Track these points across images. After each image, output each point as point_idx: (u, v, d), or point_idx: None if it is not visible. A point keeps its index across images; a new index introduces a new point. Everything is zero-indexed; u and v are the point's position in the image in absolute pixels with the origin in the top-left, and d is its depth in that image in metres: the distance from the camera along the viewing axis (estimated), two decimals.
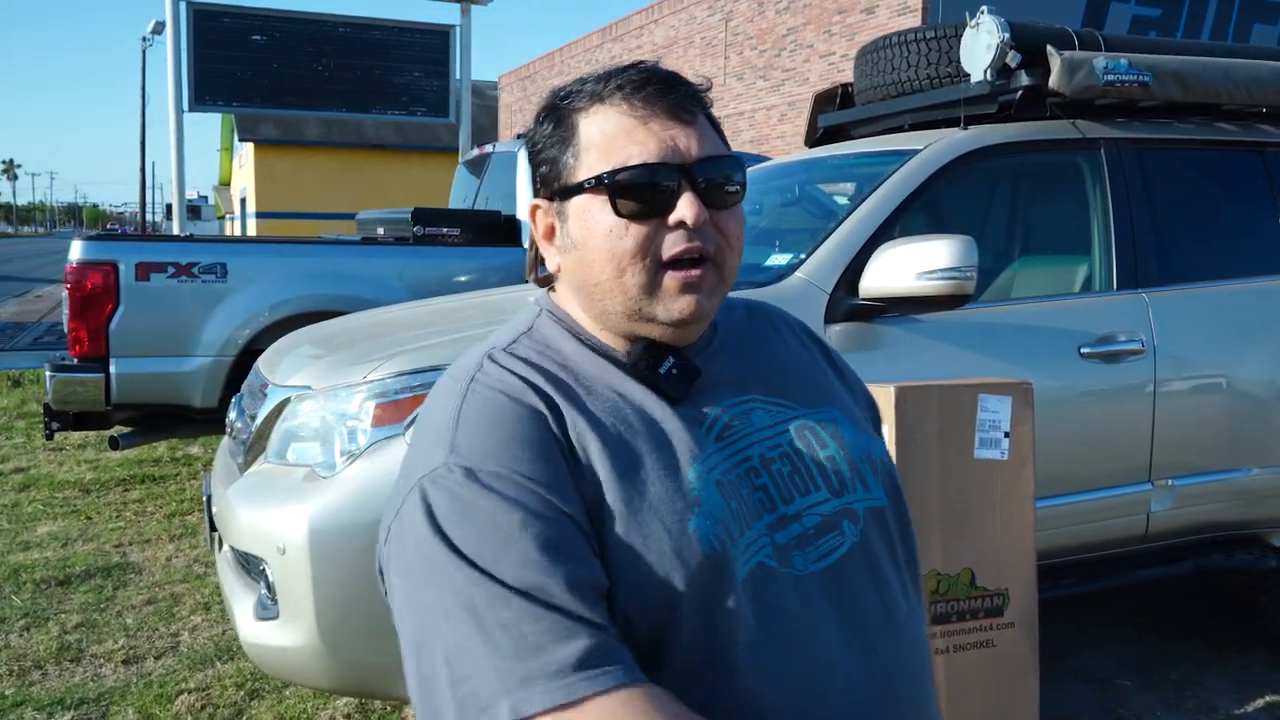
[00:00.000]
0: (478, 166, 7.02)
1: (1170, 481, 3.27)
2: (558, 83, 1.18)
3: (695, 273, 1.04)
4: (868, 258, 2.82)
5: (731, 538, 1.00)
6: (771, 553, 1.03)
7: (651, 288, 1.03)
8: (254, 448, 2.86)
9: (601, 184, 1.03)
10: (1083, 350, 3.09)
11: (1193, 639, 3.97)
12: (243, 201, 32.04)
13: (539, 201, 1.13)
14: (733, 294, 1.19)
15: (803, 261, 2.91)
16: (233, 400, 3.27)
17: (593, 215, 1.04)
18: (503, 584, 0.90)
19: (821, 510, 1.09)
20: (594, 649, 0.88)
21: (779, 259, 3.04)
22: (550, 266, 1.11)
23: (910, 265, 2.69)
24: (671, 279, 1.03)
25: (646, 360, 1.07)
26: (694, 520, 0.98)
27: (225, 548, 2.87)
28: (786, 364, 1.23)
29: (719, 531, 0.99)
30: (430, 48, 12.37)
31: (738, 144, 16.55)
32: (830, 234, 2.95)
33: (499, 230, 5.95)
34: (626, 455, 1.00)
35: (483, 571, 0.90)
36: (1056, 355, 3.05)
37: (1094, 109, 3.42)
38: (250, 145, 30.44)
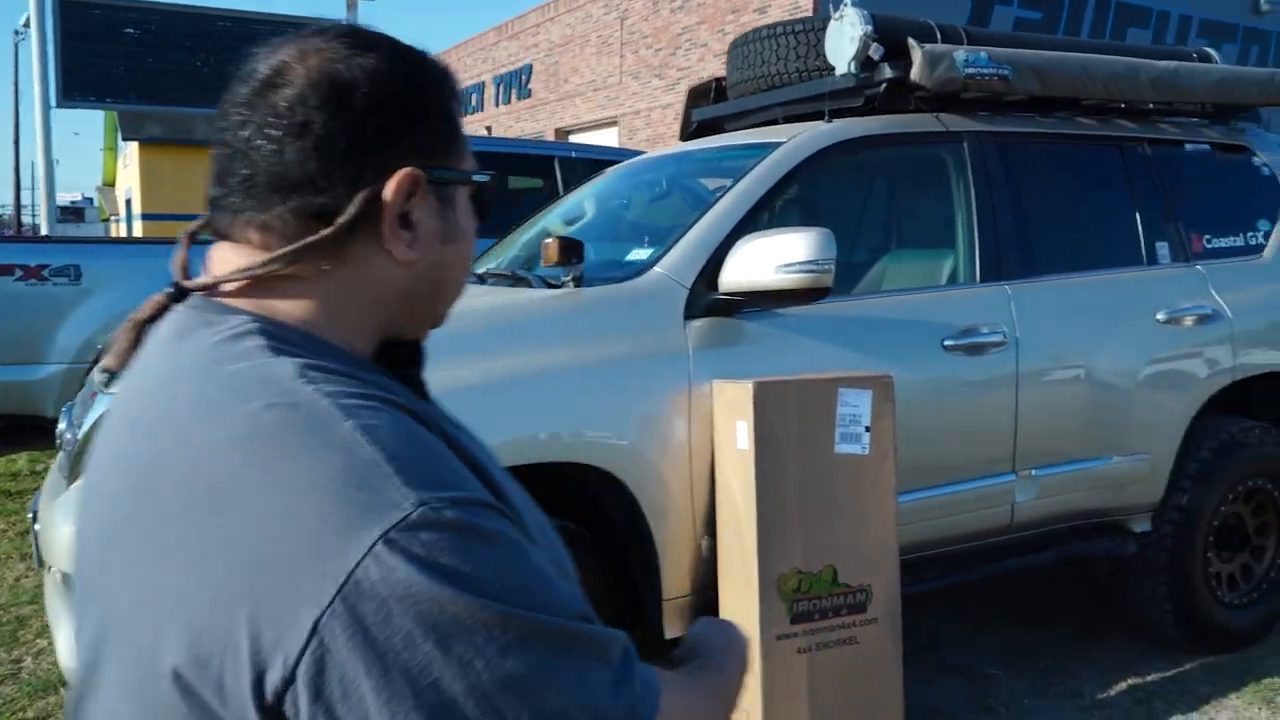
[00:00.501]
0: None
1: (1033, 472, 3.29)
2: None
3: None
4: (729, 252, 2.77)
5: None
6: None
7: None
8: (80, 460, 2.67)
9: (475, 182, 0.91)
10: (946, 343, 3.09)
11: (1060, 627, 4.03)
12: (128, 203, 30.82)
13: (419, 171, 0.84)
14: None
15: (661, 256, 2.84)
16: (64, 409, 3.06)
17: (467, 210, 0.92)
18: (563, 620, 0.74)
19: None
20: (634, 654, 0.81)
21: (640, 254, 2.97)
22: (399, 255, 0.84)
23: (769, 258, 2.64)
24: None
25: (413, 360, 0.94)
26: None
27: (51, 568, 2.67)
28: None
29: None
30: None
31: (634, 143, 16.53)
32: (690, 228, 2.89)
33: None
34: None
35: (542, 613, 0.73)
36: (920, 348, 3.05)
37: (958, 103, 3.44)
38: (134, 145, 29.28)
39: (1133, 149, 3.75)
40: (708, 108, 4.17)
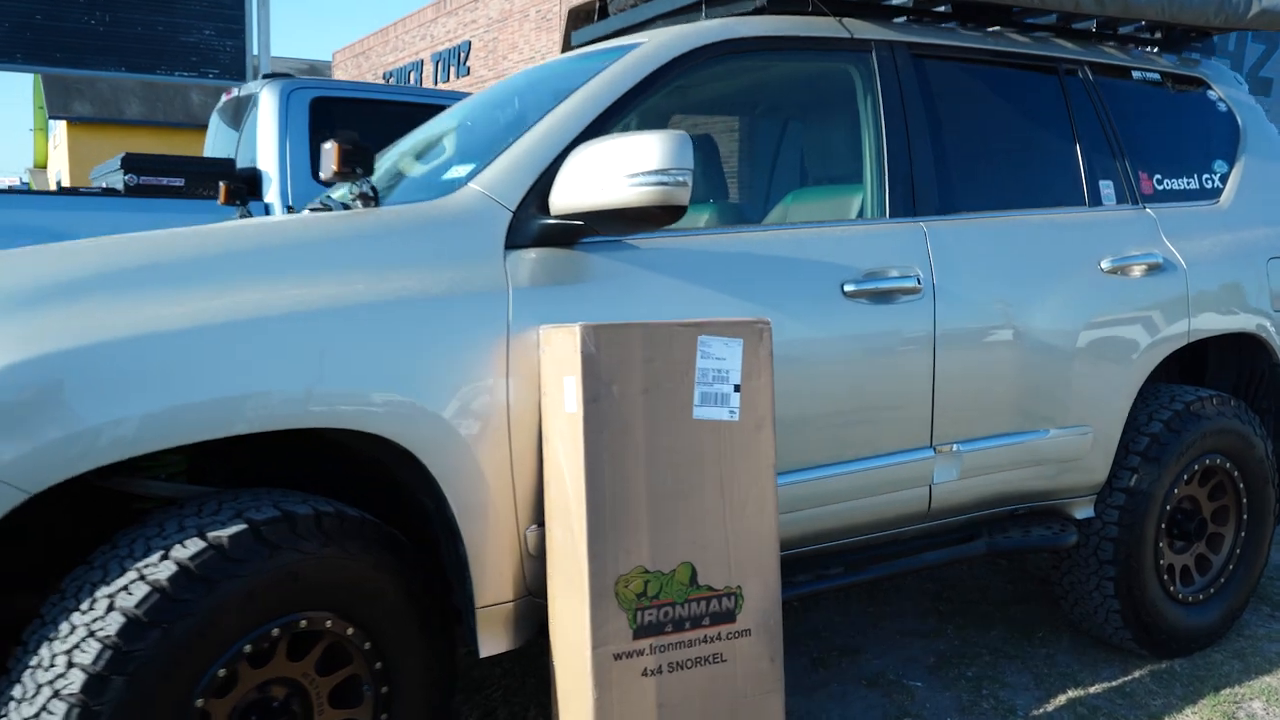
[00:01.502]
0: (235, 115, 6.12)
1: (955, 447, 2.74)
2: (391, 58, 0.46)
3: None
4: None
5: None
6: None
7: None
8: None
9: None
10: (846, 287, 2.52)
11: (995, 628, 3.50)
12: (59, 184, 29.69)
13: None
14: None
15: (480, 171, 2.24)
16: None
17: None
18: None
19: None
20: None
21: (461, 170, 2.37)
22: None
23: (608, 169, 2.06)
24: None
25: None
26: None
27: None
28: None
29: None
30: (223, 4, 11.29)
31: None
32: (519, 139, 2.29)
33: (238, 182, 5.09)
34: None
35: None
36: (813, 293, 2.48)
37: (866, 6, 2.88)
38: (63, 124, 28.21)
39: (1072, 73, 3.21)
40: (587, 28, 3.57)
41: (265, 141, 5.10)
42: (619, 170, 2.05)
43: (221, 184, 3.35)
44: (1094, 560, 3.12)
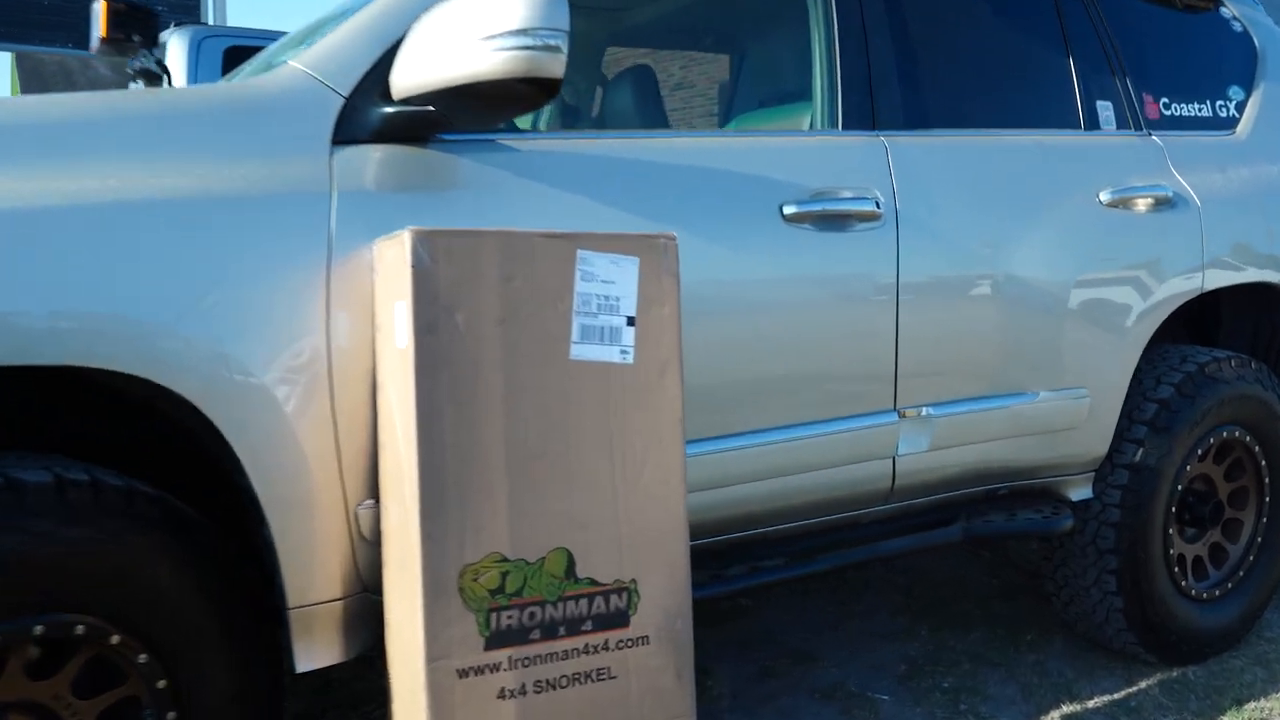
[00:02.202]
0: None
1: (925, 411, 2.25)
2: None
3: None
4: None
5: None
6: None
7: None
8: None
9: None
10: (786, 209, 2.03)
11: (975, 630, 3.01)
12: None
13: None
14: None
15: (307, 48, 1.74)
16: None
17: None
18: None
19: None
20: None
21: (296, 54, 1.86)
22: None
23: (460, 32, 1.56)
24: None
25: None
26: None
27: None
28: None
29: None
30: None
31: None
32: (358, 10, 1.79)
33: None
34: None
35: None
36: (742, 214, 1.98)
37: None
38: None
39: None
40: None
41: None
42: (473, 33, 1.55)
43: None
44: (1092, 550, 2.63)
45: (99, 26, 1.61)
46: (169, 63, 4.78)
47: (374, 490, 1.64)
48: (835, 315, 2.09)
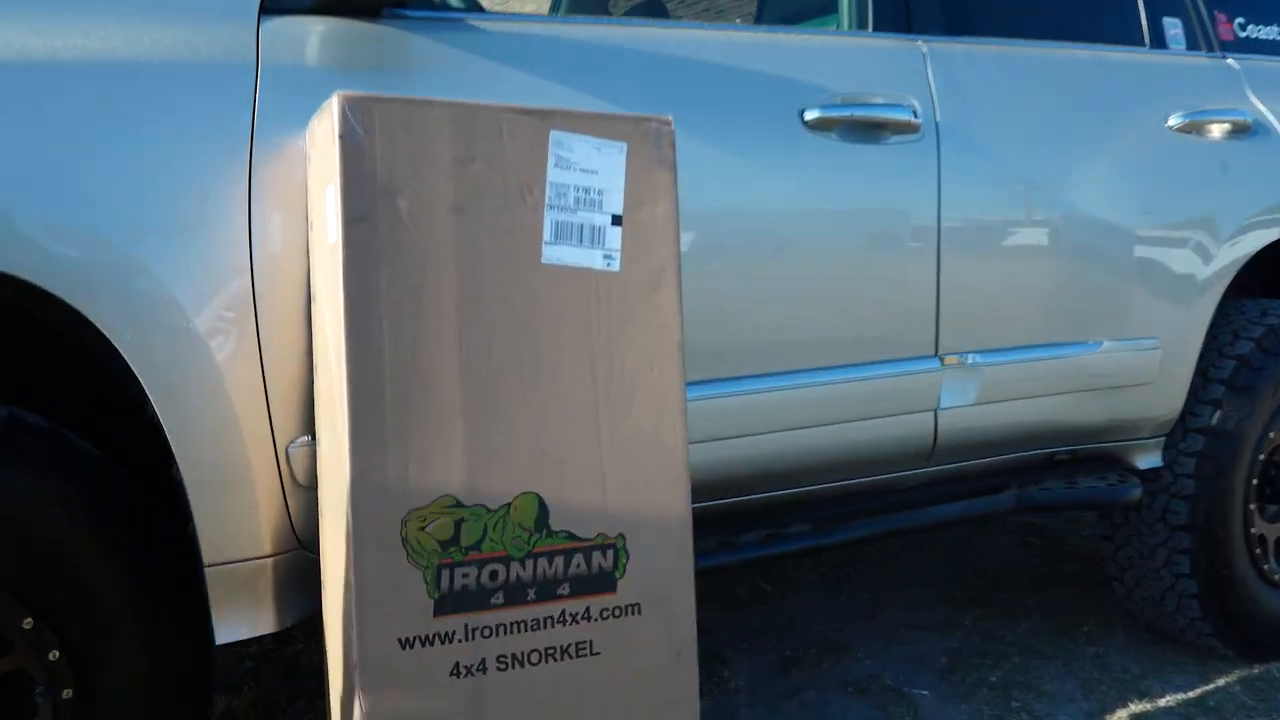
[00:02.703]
0: None
1: (971, 358, 1.95)
2: None
3: None
4: None
5: None
6: None
7: None
8: None
9: None
10: (808, 114, 1.73)
11: (1026, 619, 2.69)
12: None
13: None
14: None
15: None
16: None
17: None
18: None
19: None
20: None
21: None
22: None
23: None
24: None
25: None
26: None
27: None
28: None
29: None
30: None
31: None
32: None
33: None
34: None
35: None
36: (756, 117, 1.69)
37: None
38: None
39: None
40: None
41: None
42: None
43: None
44: (1162, 527, 2.31)
45: None
46: None
47: (310, 426, 1.36)
48: (864, 240, 1.80)
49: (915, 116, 1.83)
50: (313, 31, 1.41)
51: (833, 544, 1.84)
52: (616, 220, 1.33)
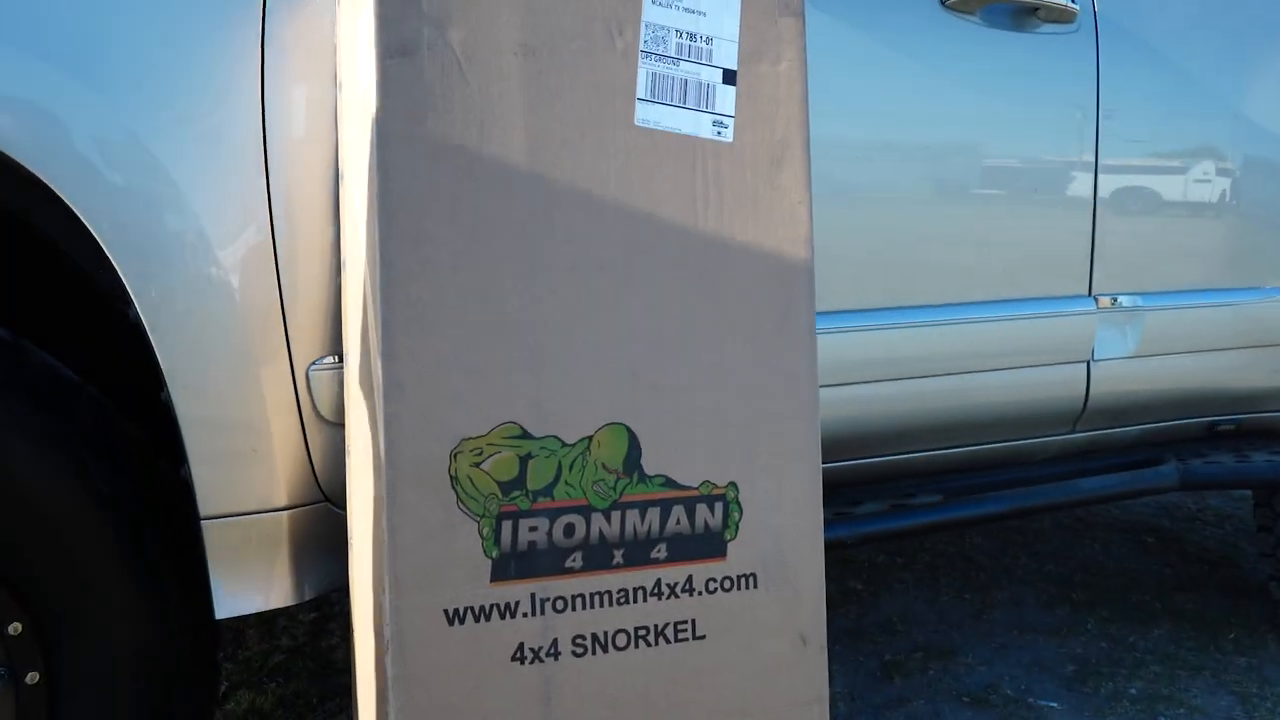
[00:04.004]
0: None
1: (1129, 300, 1.62)
2: None
3: None
4: None
5: None
6: None
7: None
8: None
9: None
10: None
11: (1159, 625, 2.34)
12: None
13: None
14: None
15: None
16: None
17: None
18: None
19: None
20: None
21: None
22: None
23: None
24: None
25: None
26: None
27: None
28: None
29: None
30: None
31: None
32: None
33: None
34: None
35: None
36: None
37: None
38: None
39: None
40: None
41: None
42: None
43: None
44: None
45: None
46: None
47: (337, 345, 1.08)
48: (1008, 151, 1.48)
49: (1073, 2, 1.51)
50: None
51: (966, 519, 1.52)
52: (729, 77, 1.03)
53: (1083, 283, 1.58)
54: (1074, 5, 1.52)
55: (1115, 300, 1.61)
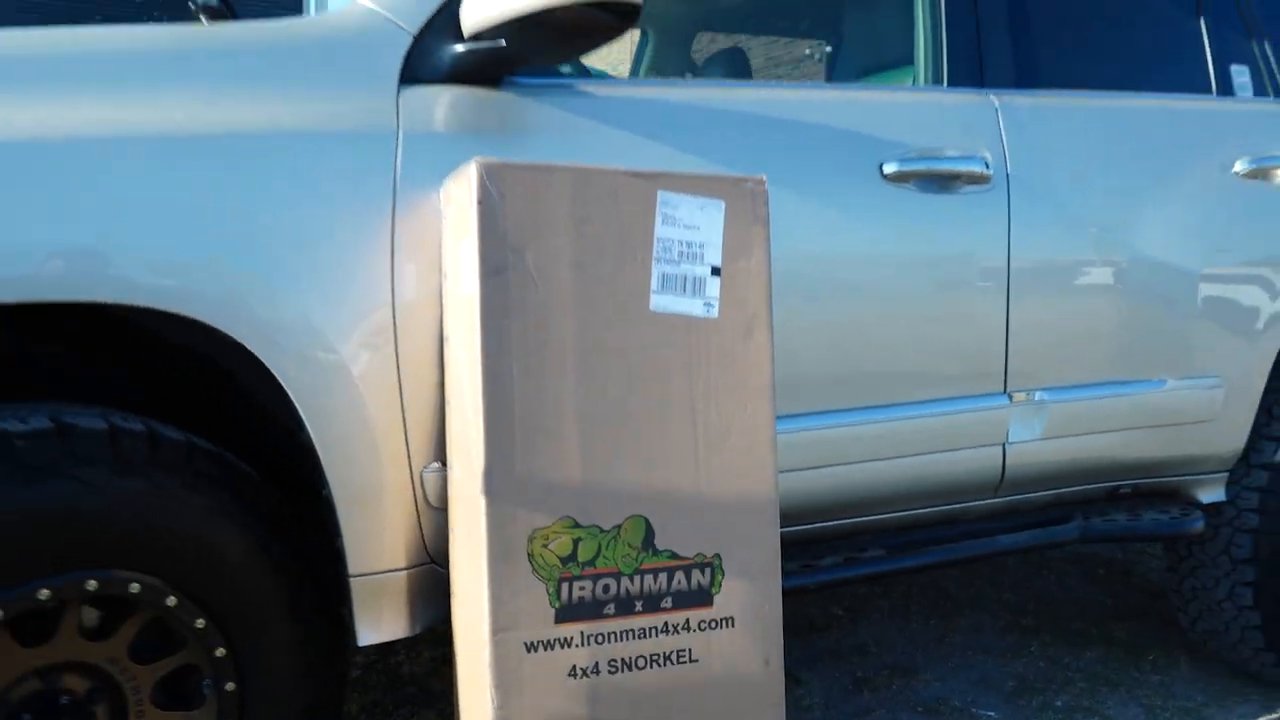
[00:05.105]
0: None
1: (1038, 395, 2.06)
2: None
3: None
4: None
5: None
6: None
7: None
8: None
9: None
10: (886, 167, 1.87)
11: (1092, 648, 2.77)
12: None
13: None
14: None
15: None
16: None
17: None
18: None
19: None
20: None
21: None
22: None
23: None
24: None
25: None
26: None
27: None
28: None
29: None
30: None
31: None
32: None
33: None
34: None
35: None
36: (838, 171, 1.84)
37: None
38: None
39: None
40: None
41: None
42: None
43: None
44: (1225, 559, 2.38)
45: None
46: None
47: (441, 453, 1.54)
48: (938, 284, 1.93)
49: (987, 168, 1.96)
50: (442, 98, 1.59)
51: (906, 569, 1.97)
52: (715, 271, 1.48)
53: (999, 382, 2.03)
54: (988, 171, 1.97)
55: (1026, 395, 2.05)
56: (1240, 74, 2.44)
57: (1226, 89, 2.41)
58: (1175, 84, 2.37)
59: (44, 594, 1.37)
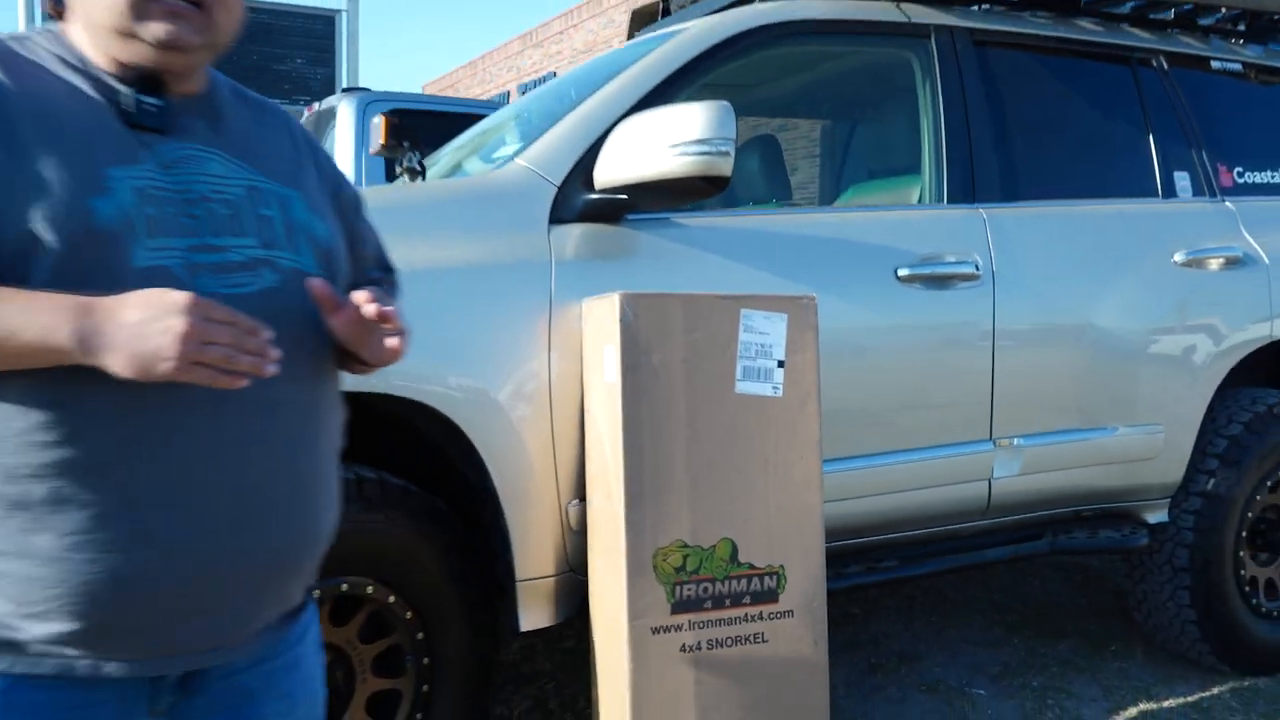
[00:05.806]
0: (316, 130, 6.29)
1: (1016, 441, 2.65)
2: (478, 90, 0.65)
3: (181, 3, 1.07)
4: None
5: (133, 229, 1.02)
6: (182, 263, 1.05)
7: (138, 9, 1.06)
8: None
9: None
10: (900, 272, 2.47)
11: (1067, 638, 3.36)
12: None
13: None
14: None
15: (526, 147, 2.25)
16: None
17: None
18: None
19: (247, 252, 1.10)
20: None
21: (509, 149, 2.39)
22: None
23: (651, 140, 2.05)
24: (156, 6, 1.06)
25: (128, 77, 1.07)
26: (95, 199, 1.00)
27: None
28: (264, 144, 1.21)
29: (117, 216, 1.01)
30: (315, 34, 11.70)
31: None
32: (564, 116, 2.30)
33: None
34: (48, 129, 1.02)
35: None
36: (864, 276, 2.43)
37: None
38: None
39: (1146, 62, 3.11)
40: (650, 28, 3.59)
41: (343, 153, 5.24)
42: (662, 141, 2.04)
43: None
44: (1168, 568, 2.98)
45: (379, 135, 2.14)
46: (339, 126, 5.45)
47: (580, 492, 2.13)
48: (940, 359, 2.52)
49: (977, 269, 2.56)
50: (578, 233, 2.18)
51: (914, 575, 2.56)
52: (780, 364, 2.08)
53: (986, 431, 2.62)
54: (978, 271, 2.56)
55: (1007, 441, 2.65)
56: (1182, 179, 3.03)
57: (1170, 191, 3.01)
58: (1129, 188, 2.96)
59: (314, 594, 1.96)
